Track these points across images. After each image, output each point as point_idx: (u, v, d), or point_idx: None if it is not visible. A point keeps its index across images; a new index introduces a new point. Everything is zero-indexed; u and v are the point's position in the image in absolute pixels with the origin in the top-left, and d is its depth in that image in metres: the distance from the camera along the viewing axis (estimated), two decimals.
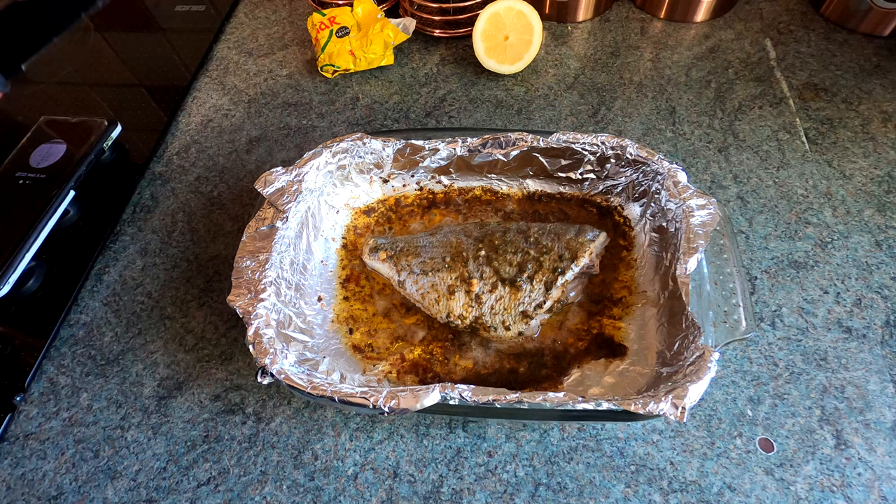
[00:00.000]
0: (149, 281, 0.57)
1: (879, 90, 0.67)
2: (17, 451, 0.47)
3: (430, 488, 0.44)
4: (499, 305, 0.48)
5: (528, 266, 0.48)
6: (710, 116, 0.66)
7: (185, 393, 0.49)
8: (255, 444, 0.46)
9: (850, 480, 0.42)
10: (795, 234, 0.56)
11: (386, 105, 0.71)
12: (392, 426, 0.47)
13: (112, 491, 0.45)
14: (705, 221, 0.45)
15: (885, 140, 0.62)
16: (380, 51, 0.72)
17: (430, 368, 0.48)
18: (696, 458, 0.44)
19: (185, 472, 0.45)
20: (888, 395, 0.46)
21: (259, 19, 0.85)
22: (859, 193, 0.58)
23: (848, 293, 0.51)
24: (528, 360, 0.48)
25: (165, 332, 0.53)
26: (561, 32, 0.78)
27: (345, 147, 0.54)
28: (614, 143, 0.52)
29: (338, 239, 0.56)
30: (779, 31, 0.75)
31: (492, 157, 0.55)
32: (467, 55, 0.76)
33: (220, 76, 0.77)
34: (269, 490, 0.44)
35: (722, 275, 0.45)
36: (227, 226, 0.61)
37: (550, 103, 0.69)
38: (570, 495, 0.43)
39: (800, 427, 0.45)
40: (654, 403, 0.36)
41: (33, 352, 0.52)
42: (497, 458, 0.45)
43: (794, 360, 0.48)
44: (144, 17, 0.88)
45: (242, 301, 0.44)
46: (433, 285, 0.49)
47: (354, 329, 0.50)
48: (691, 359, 0.40)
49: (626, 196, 0.55)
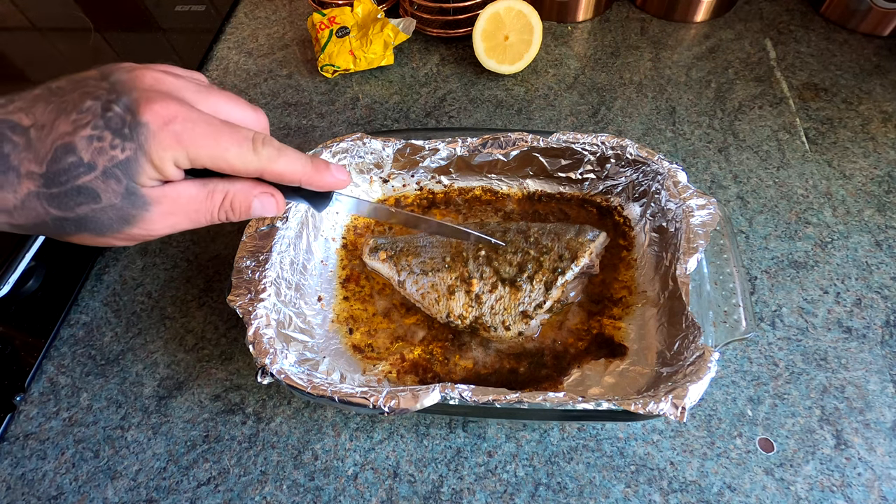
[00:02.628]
0: (149, 281, 0.57)
1: (879, 90, 0.67)
2: (17, 451, 0.47)
3: (430, 488, 0.44)
4: (499, 305, 0.48)
5: (528, 266, 0.48)
6: (710, 116, 0.66)
7: (185, 393, 0.49)
8: (255, 444, 0.46)
9: (850, 480, 0.42)
10: (795, 234, 0.56)
11: (386, 105, 0.71)
12: (392, 426, 0.47)
13: (112, 491, 0.45)
14: (705, 221, 0.45)
15: (885, 140, 0.62)
16: (380, 51, 0.72)
17: (430, 368, 0.48)
18: (696, 458, 0.44)
19: (185, 472, 0.45)
20: (888, 395, 0.46)
21: (259, 19, 0.85)
22: (859, 193, 0.58)
23: (848, 293, 0.51)
24: (528, 360, 0.48)
25: (165, 332, 0.53)
26: (561, 32, 0.78)
27: (345, 147, 0.54)
28: (614, 143, 0.52)
29: (338, 239, 0.56)
30: (779, 31, 0.75)
31: (492, 157, 0.55)
32: (467, 55, 0.76)
33: (220, 76, 0.77)
34: (269, 490, 0.44)
35: (722, 275, 0.45)
36: (227, 226, 0.61)
37: (550, 103, 0.69)
38: (570, 495, 0.43)
39: (800, 427, 0.45)
40: (654, 403, 0.36)
41: (33, 352, 0.52)
42: (497, 458, 0.45)
43: (794, 360, 0.48)
44: (144, 17, 0.88)
45: (242, 301, 0.44)
46: (433, 285, 0.49)
47: (354, 329, 0.50)
48: (691, 359, 0.40)
49: (626, 196, 0.55)
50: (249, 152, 0.30)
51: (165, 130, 0.27)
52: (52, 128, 0.26)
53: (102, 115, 0.26)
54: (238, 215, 0.32)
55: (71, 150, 0.26)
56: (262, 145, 0.30)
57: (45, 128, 0.26)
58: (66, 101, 0.27)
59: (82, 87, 0.27)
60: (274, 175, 0.32)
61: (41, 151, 0.26)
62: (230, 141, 0.29)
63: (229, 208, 0.32)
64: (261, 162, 0.30)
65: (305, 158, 0.33)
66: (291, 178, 0.33)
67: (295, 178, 0.33)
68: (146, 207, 0.29)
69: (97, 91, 0.27)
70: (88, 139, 0.26)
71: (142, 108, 0.27)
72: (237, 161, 0.30)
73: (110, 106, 0.27)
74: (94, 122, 0.26)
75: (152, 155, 0.27)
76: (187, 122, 0.27)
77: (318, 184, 0.34)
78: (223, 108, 0.31)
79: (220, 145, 0.29)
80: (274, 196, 0.33)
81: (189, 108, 0.28)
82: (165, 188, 0.29)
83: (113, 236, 0.29)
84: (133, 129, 0.26)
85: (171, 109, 0.27)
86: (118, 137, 0.26)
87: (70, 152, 0.26)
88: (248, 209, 0.32)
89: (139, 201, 0.28)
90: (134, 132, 0.27)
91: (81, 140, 0.26)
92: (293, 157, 0.32)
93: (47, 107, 0.27)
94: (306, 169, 0.33)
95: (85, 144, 0.26)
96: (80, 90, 0.27)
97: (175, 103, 0.28)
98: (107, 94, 0.27)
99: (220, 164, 0.29)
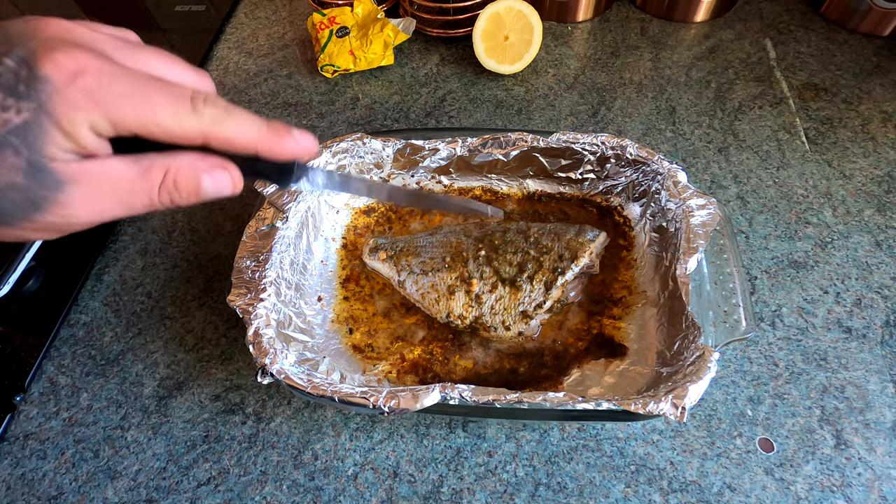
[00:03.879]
0: (149, 281, 0.57)
1: (879, 90, 0.67)
2: (17, 451, 0.47)
3: (430, 488, 0.44)
4: (499, 305, 0.48)
5: (528, 266, 0.48)
6: (710, 116, 0.66)
7: (185, 393, 0.49)
8: (255, 444, 0.46)
9: (850, 480, 0.42)
10: (795, 234, 0.56)
11: (386, 105, 0.71)
12: (392, 426, 0.47)
13: (112, 491, 0.45)
14: (705, 221, 0.45)
15: (885, 140, 0.62)
16: (380, 51, 0.72)
17: (430, 368, 0.48)
18: (696, 458, 0.44)
19: (185, 472, 0.45)
20: (888, 395, 0.46)
21: (259, 19, 0.85)
22: (859, 193, 0.58)
23: (848, 293, 0.51)
24: (528, 360, 0.48)
25: (165, 332, 0.53)
26: (561, 32, 0.78)
27: (345, 147, 0.54)
28: (614, 143, 0.52)
29: (338, 239, 0.56)
30: (779, 31, 0.75)
31: (492, 157, 0.55)
32: (467, 55, 0.76)
33: (220, 76, 0.77)
34: (269, 490, 0.44)
35: (722, 275, 0.45)
36: (227, 226, 0.61)
37: (550, 103, 0.69)
38: (570, 495, 0.43)
39: (800, 427, 0.45)
40: (654, 403, 0.36)
41: (33, 352, 0.52)
42: (497, 458, 0.45)
43: (794, 360, 0.48)
44: (144, 17, 0.88)
45: (242, 301, 0.44)
46: (433, 285, 0.49)
47: (354, 329, 0.50)
48: (691, 359, 0.40)
49: (626, 196, 0.55)
50: (188, 112, 0.24)
51: (74, 86, 0.22)
52: None
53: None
54: (185, 197, 0.26)
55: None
56: (205, 104, 0.25)
57: None
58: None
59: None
60: (221, 141, 0.26)
61: None
62: (162, 98, 0.24)
63: (172, 188, 0.26)
64: (203, 124, 0.25)
65: (260, 120, 0.27)
66: (244, 145, 0.26)
67: (248, 145, 0.26)
68: (60, 188, 0.23)
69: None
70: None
71: (41, 60, 0.21)
72: (172, 123, 0.24)
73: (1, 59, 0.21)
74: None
75: (59, 117, 0.22)
76: (102, 74, 0.22)
77: (278, 151, 0.28)
78: (154, 65, 0.26)
79: (148, 104, 0.23)
80: (227, 169, 0.27)
81: (105, 60, 0.23)
82: (85, 164, 0.23)
83: (20, 227, 0.24)
84: (30, 84, 0.21)
85: (79, 60, 0.22)
86: (11, 97, 0.21)
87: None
88: (196, 188, 0.26)
89: (49, 179, 0.23)
90: (32, 89, 0.21)
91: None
92: (244, 117, 0.26)
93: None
94: (262, 132, 0.27)
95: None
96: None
97: (86, 54, 0.22)
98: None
99: (150, 128, 0.24)
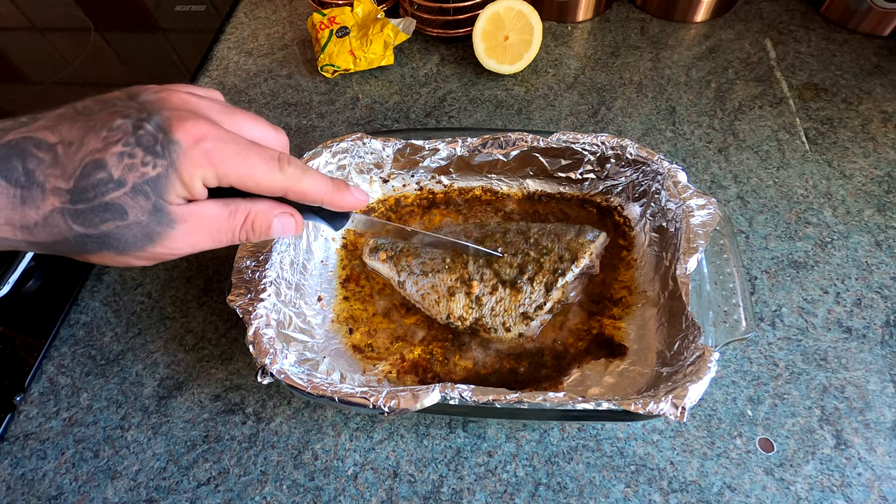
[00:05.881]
0: (149, 281, 0.57)
1: (879, 90, 0.67)
2: (17, 451, 0.47)
3: (430, 488, 0.44)
4: (499, 307, 0.48)
5: (528, 267, 0.48)
6: (710, 116, 0.66)
7: (185, 393, 0.49)
8: (255, 444, 0.46)
9: (850, 480, 0.42)
10: (795, 234, 0.56)
11: (386, 105, 0.71)
12: (392, 426, 0.47)
13: (112, 491, 0.45)
14: (705, 221, 0.45)
15: (885, 140, 0.62)
16: (380, 51, 0.72)
17: (430, 368, 0.48)
18: (696, 458, 0.44)
19: (185, 472, 0.45)
20: (888, 395, 0.46)
21: (259, 19, 0.85)
22: (859, 193, 0.58)
23: (848, 293, 0.51)
24: (528, 360, 0.48)
25: (165, 332, 0.53)
26: (561, 32, 0.78)
27: (345, 147, 0.54)
28: (614, 143, 0.52)
29: (338, 239, 0.56)
30: (779, 31, 0.75)
31: (492, 157, 0.55)
32: (467, 55, 0.76)
33: (220, 76, 0.77)
34: (269, 490, 0.44)
35: (722, 275, 0.45)
36: None
37: (550, 103, 0.69)
38: (570, 495, 0.43)
39: (800, 427, 0.45)
40: (654, 403, 0.36)
41: (33, 352, 0.52)
42: (497, 458, 0.45)
43: (794, 360, 0.48)
44: (144, 17, 0.88)
45: (242, 301, 0.44)
46: (433, 286, 0.49)
47: (354, 329, 0.50)
48: (691, 359, 0.40)
49: (626, 196, 0.55)
50: (276, 171, 0.31)
51: (197, 148, 0.28)
52: (80, 144, 0.27)
53: (134, 133, 0.27)
54: (258, 235, 0.33)
55: (101, 166, 0.27)
56: (288, 164, 0.31)
57: (74, 145, 0.27)
58: (95, 119, 0.27)
59: (110, 106, 0.28)
60: (297, 194, 0.32)
61: (69, 168, 0.27)
62: (258, 160, 0.30)
63: (250, 228, 0.32)
64: (286, 181, 0.31)
65: (327, 178, 0.34)
66: (314, 198, 0.33)
67: (318, 198, 0.33)
68: (171, 225, 0.29)
69: (127, 110, 0.28)
70: (119, 156, 0.27)
71: (174, 127, 0.27)
72: (264, 179, 0.30)
73: (141, 124, 0.27)
74: (126, 140, 0.27)
75: (182, 172, 0.28)
76: (218, 140, 0.28)
77: (339, 204, 0.35)
78: (247, 128, 0.32)
79: (248, 164, 0.29)
80: (293, 216, 0.34)
81: (219, 128, 0.29)
82: (191, 206, 0.30)
83: (134, 255, 0.30)
84: (165, 146, 0.27)
85: (202, 128, 0.28)
86: (150, 154, 0.27)
87: (100, 168, 0.27)
88: (268, 229, 0.33)
89: (165, 218, 0.29)
90: (166, 149, 0.27)
91: (112, 156, 0.27)
92: (316, 176, 0.33)
93: (74, 125, 0.27)
94: (328, 188, 0.33)
95: (116, 161, 0.27)
96: (109, 110, 0.28)
97: (205, 122, 0.28)
98: (137, 112, 0.28)
99: (247, 182, 0.30)
